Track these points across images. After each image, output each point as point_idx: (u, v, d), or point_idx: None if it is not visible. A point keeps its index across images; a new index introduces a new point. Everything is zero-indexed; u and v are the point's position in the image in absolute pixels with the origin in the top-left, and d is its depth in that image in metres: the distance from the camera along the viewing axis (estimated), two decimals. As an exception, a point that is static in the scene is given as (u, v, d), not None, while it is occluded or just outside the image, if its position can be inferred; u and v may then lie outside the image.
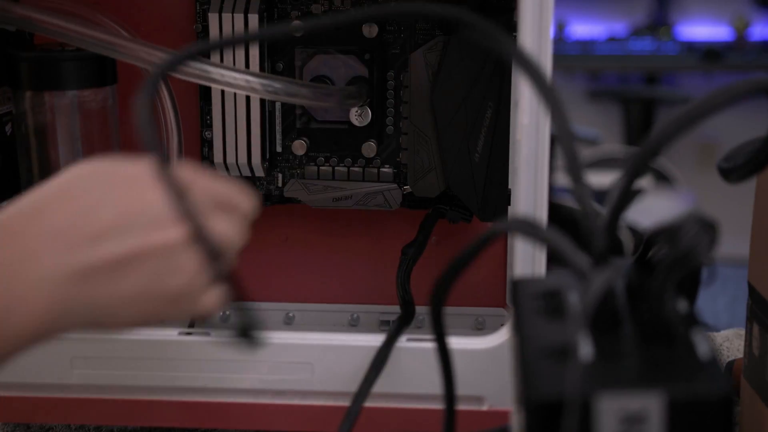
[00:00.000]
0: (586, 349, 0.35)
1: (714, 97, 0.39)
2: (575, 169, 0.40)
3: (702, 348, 0.36)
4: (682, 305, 0.38)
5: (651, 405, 0.34)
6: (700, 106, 0.39)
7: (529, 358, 0.36)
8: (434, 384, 0.62)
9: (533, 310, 0.40)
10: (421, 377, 0.62)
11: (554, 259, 0.43)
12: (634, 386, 0.34)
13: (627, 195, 0.39)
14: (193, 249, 0.42)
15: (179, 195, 0.41)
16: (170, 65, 0.48)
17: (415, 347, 0.62)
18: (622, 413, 0.34)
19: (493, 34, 0.44)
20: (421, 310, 0.73)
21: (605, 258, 0.39)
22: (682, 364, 0.35)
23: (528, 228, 0.42)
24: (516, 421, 0.37)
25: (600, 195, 0.54)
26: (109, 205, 0.41)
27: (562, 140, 0.40)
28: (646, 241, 0.40)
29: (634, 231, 0.93)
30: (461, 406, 0.62)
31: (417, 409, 0.62)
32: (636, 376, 0.35)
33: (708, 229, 0.36)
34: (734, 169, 0.50)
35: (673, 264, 0.37)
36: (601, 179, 1.22)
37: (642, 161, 0.39)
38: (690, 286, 0.92)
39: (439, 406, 0.62)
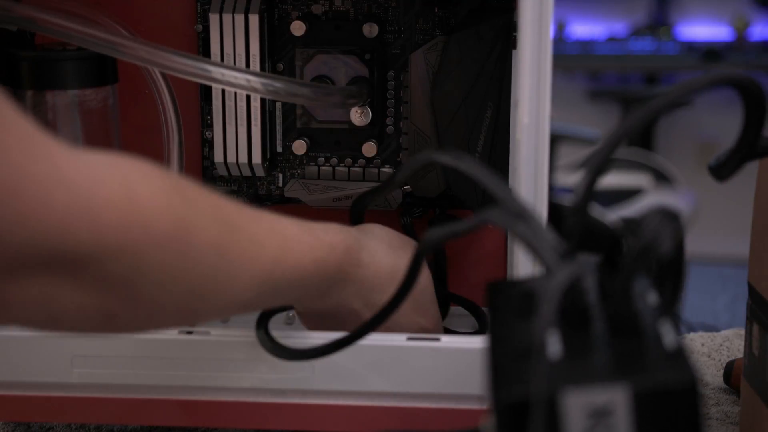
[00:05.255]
0: (554, 347, 0.35)
1: (680, 89, 0.40)
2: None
3: (668, 338, 0.36)
4: (651, 297, 0.38)
5: (616, 398, 0.33)
6: (666, 98, 0.39)
7: (499, 359, 0.37)
8: (435, 383, 0.62)
9: (507, 311, 0.40)
10: (421, 376, 0.62)
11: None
12: (598, 380, 0.34)
13: (592, 190, 0.40)
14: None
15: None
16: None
17: (417, 346, 0.62)
18: (589, 408, 0.34)
19: None
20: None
21: (573, 253, 0.39)
22: (648, 355, 0.35)
23: (502, 219, 0.42)
24: (489, 422, 0.37)
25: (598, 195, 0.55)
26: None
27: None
28: (611, 236, 0.40)
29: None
30: (461, 405, 0.62)
31: (417, 408, 0.62)
32: (601, 370, 0.35)
33: (670, 218, 0.37)
34: (721, 166, 0.50)
35: (637, 255, 0.37)
36: (601, 179, 1.22)
37: (604, 156, 0.40)
38: (674, 280, 0.91)
39: (440, 405, 0.62)
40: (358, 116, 0.73)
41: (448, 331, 0.71)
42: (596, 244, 0.41)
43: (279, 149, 0.76)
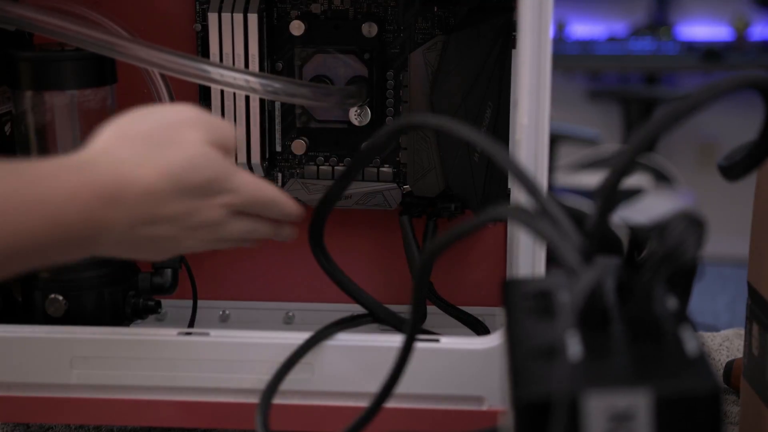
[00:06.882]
0: (574, 348, 0.35)
1: (703, 93, 0.39)
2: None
3: (690, 344, 0.36)
4: (671, 302, 0.38)
5: (638, 402, 0.33)
6: (689, 102, 0.39)
7: (518, 358, 0.36)
8: (434, 384, 0.62)
9: (524, 310, 0.40)
10: (421, 377, 0.62)
11: (553, 260, 0.43)
12: (621, 384, 0.34)
13: (615, 193, 0.39)
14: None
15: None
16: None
17: (417, 347, 0.62)
18: (610, 411, 0.33)
19: None
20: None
21: (594, 256, 0.39)
22: (669, 360, 0.35)
23: (525, 218, 0.41)
24: (508, 422, 0.37)
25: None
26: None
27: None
28: (632, 239, 0.40)
29: (633, 231, 0.93)
30: (461, 406, 0.62)
31: (417, 409, 0.62)
32: (624, 373, 0.35)
33: (695, 225, 0.36)
34: (733, 166, 0.50)
35: (660, 261, 0.37)
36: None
37: (629, 157, 0.39)
38: (684, 284, 0.92)
39: (439, 406, 0.62)
40: (357, 116, 0.73)
41: None
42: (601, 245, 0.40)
43: (278, 149, 0.76)
